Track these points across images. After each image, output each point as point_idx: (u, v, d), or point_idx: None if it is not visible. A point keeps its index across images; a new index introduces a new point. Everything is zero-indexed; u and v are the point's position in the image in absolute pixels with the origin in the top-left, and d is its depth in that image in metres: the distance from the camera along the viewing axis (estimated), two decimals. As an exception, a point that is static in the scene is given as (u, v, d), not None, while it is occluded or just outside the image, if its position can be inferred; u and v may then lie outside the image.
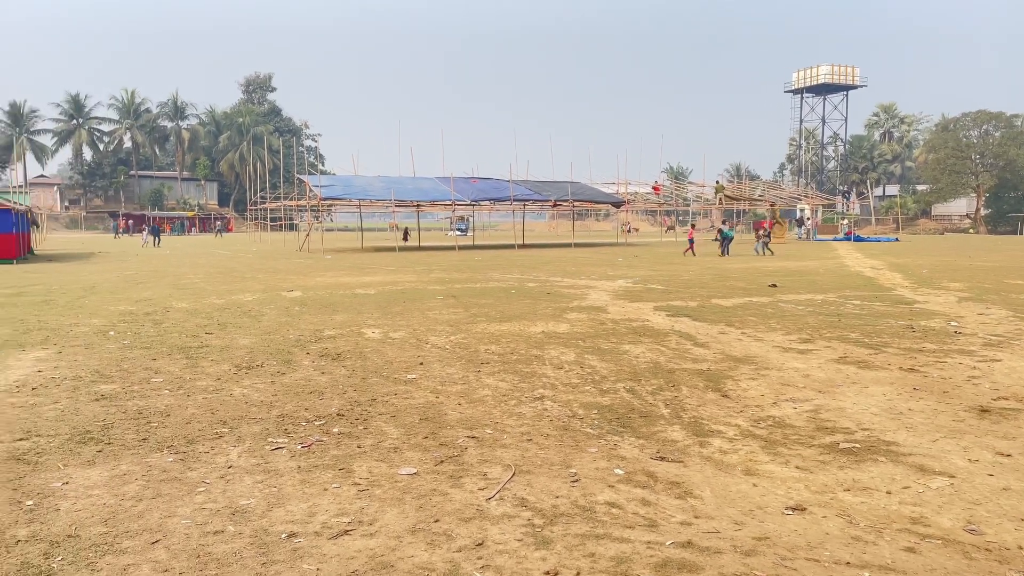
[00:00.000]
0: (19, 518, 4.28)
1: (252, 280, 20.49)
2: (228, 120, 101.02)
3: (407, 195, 41.77)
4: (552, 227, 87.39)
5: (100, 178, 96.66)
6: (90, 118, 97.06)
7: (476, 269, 24.81)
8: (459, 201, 42.34)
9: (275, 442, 5.72)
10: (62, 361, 8.85)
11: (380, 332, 10.95)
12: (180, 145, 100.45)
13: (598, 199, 50.17)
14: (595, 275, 21.77)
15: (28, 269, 25.54)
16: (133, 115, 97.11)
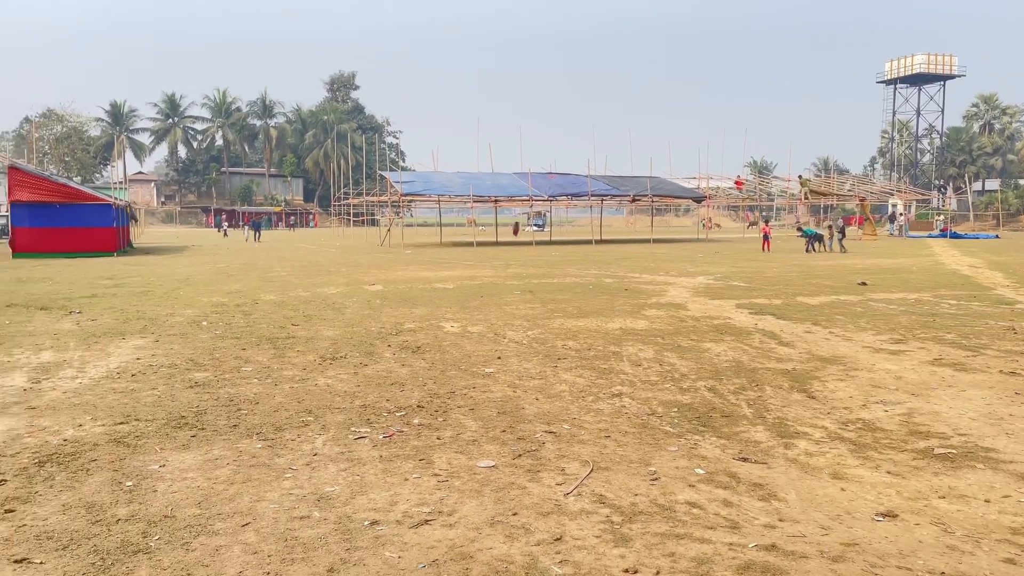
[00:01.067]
0: (119, 498, 4.51)
1: (336, 274, 21.04)
2: (313, 118, 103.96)
3: (485, 191, 42.08)
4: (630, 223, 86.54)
5: (193, 174, 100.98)
6: (184, 117, 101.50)
7: (553, 265, 24.79)
8: (536, 196, 42.40)
9: (358, 431, 5.86)
10: (159, 349, 9.29)
11: (458, 326, 11.07)
12: (268, 143, 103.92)
13: (678, 194, 49.38)
14: (674, 271, 21.45)
15: (127, 261, 26.91)
16: (224, 114, 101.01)
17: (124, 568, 3.60)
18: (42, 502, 4.44)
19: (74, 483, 4.75)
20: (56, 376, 7.82)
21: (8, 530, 4.04)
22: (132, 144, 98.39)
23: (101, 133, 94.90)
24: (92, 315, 12.32)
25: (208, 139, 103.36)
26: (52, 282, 18.45)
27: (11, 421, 6.15)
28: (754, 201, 62.09)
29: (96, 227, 29.84)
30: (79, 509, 4.32)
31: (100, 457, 5.24)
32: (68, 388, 7.29)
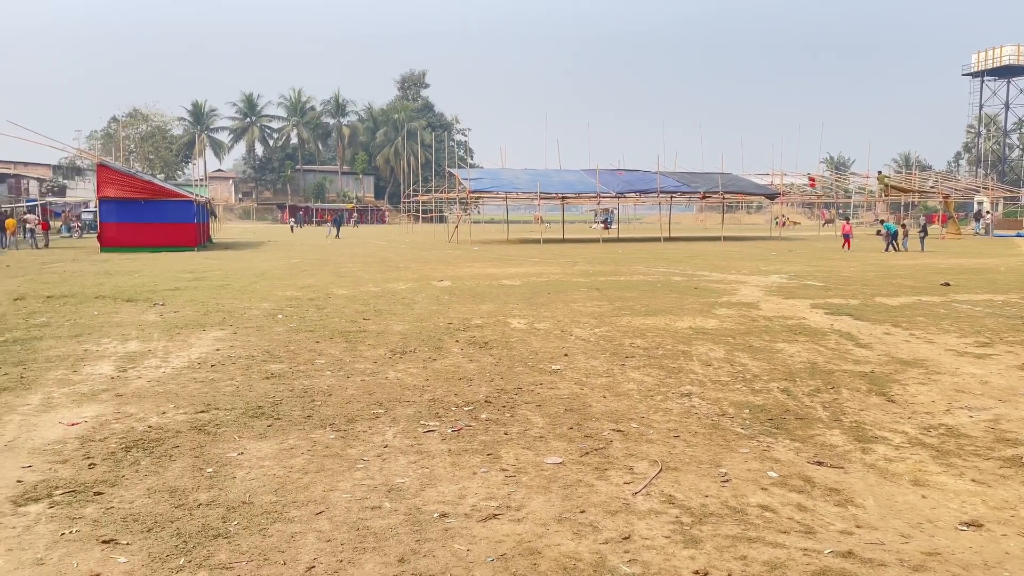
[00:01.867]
0: (201, 483, 4.69)
1: (405, 270, 21.35)
2: (384, 116, 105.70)
3: (553, 187, 42.03)
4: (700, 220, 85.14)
5: (269, 172, 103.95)
6: (262, 116, 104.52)
7: (620, 262, 24.60)
8: (604, 193, 42.12)
9: (427, 425, 5.93)
10: (237, 341, 9.60)
11: (525, 322, 11.09)
12: (341, 141, 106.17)
13: (750, 191, 48.33)
14: (746, 270, 21.00)
15: (207, 256, 27.90)
16: (299, 113, 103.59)
17: (205, 551, 3.73)
18: (128, 486, 4.64)
19: (158, 468, 4.95)
20: (141, 365, 8.17)
21: (97, 512, 4.24)
22: (212, 142, 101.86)
23: (183, 132, 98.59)
24: (174, 307, 12.82)
25: (284, 137, 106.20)
26: (137, 275, 19.27)
27: (100, 407, 6.45)
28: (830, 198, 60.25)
29: (178, 223, 31.03)
30: (163, 493, 4.51)
31: (182, 444, 5.45)
32: (152, 377, 7.61)
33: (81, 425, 5.90)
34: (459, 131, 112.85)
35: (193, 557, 3.67)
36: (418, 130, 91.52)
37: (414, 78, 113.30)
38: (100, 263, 23.78)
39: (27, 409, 6.39)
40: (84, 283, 17.09)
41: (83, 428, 5.83)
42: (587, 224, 76.84)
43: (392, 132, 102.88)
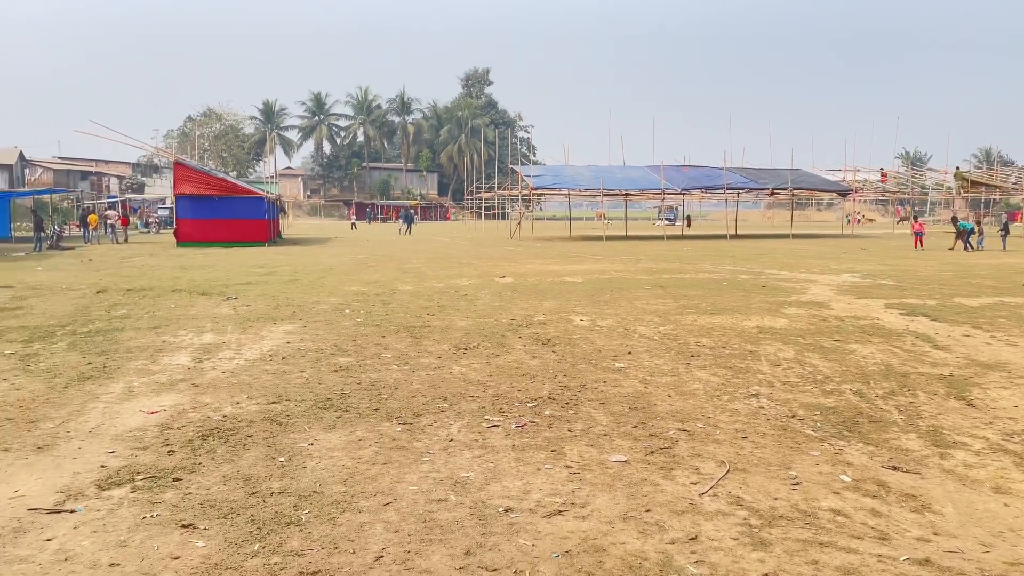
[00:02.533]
0: (273, 472, 4.83)
1: (468, 266, 21.50)
2: (448, 114, 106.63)
3: (616, 184, 41.72)
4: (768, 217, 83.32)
5: (337, 169, 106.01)
6: (329, 114, 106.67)
7: (685, 259, 24.26)
8: (669, 190, 41.58)
9: (491, 420, 5.98)
10: (306, 334, 9.84)
11: (588, 320, 11.05)
12: (405, 138, 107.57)
13: (821, 187, 47.04)
14: (816, 268, 20.46)
15: (277, 251, 28.64)
16: (366, 111, 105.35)
17: (278, 538, 3.85)
18: (205, 473, 4.81)
19: (233, 456, 5.12)
20: (216, 357, 8.45)
21: (176, 497, 4.41)
22: (282, 140, 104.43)
23: (254, 130, 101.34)
24: (247, 301, 13.21)
25: (350, 135, 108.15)
26: (211, 269, 19.92)
27: (178, 397, 6.71)
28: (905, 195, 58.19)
29: (250, 219, 31.93)
30: (237, 481, 4.66)
31: (255, 433, 5.62)
32: (227, 368, 7.87)
33: (160, 413, 6.14)
34: (522, 128, 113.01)
35: (267, 543, 3.78)
36: (481, 127, 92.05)
37: (478, 75, 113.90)
38: (176, 258, 24.67)
39: (110, 397, 6.68)
40: (161, 277, 17.76)
41: (162, 416, 6.07)
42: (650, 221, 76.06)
43: (456, 129, 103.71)
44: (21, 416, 6.05)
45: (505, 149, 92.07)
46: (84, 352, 8.61)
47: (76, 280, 17.00)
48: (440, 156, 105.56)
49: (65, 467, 4.90)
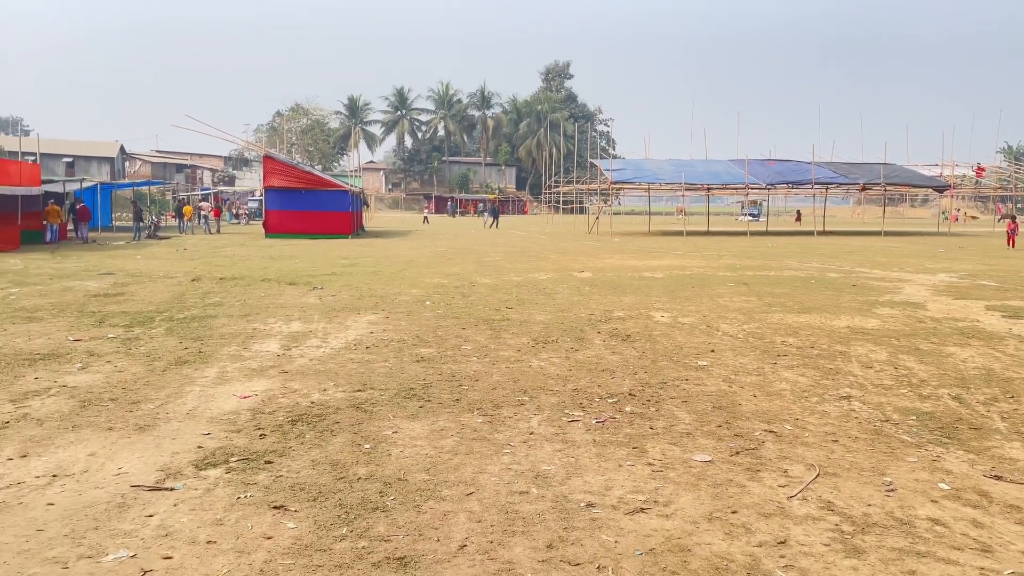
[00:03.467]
0: (359, 458, 4.94)
1: (545, 260, 21.50)
2: (528, 108, 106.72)
3: (698, 178, 40.93)
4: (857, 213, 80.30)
5: (417, 163, 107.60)
6: (411, 109, 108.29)
7: (769, 256, 23.62)
8: (753, 184, 40.54)
9: (571, 414, 5.96)
10: (389, 325, 10.03)
11: (669, 316, 10.89)
12: (485, 132, 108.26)
13: (916, 183, 44.97)
14: (910, 267, 19.60)
15: (360, 243, 29.30)
16: (447, 105, 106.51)
17: (365, 523, 3.94)
18: (295, 456, 4.97)
19: (321, 442, 5.27)
20: (303, 344, 8.71)
21: (268, 479, 4.57)
22: (365, 135, 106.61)
23: (339, 125, 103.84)
24: (332, 291, 13.57)
25: (431, 130, 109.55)
26: (297, 260, 20.54)
27: (268, 383, 6.94)
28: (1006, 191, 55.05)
29: (335, 211, 32.73)
30: (325, 466, 4.79)
31: (342, 420, 5.77)
32: (314, 356, 8.10)
33: (252, 398, 6.37)
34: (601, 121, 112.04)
35: (354, 527, 3.88)
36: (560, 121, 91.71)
37: (558, 69, 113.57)
38: (264, 248, 25.54)
39: (205, 381, 6.97)
40: (251, 267, 18.42)
41: (254, 401, 6.29)
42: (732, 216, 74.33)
43: (535, 123, 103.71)
44: (124, 397, 6.37)
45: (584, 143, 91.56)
46: (181, 337, 9.01)
47: (172, 268, 17.81)
48: (519, 150, 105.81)
49: (165, 447, 5.14)
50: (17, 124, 70.85)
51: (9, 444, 5.16)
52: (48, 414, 5.86)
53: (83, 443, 5.20)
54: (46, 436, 5.34)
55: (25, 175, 25.77)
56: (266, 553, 3.60)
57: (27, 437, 5.31)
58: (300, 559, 3.54)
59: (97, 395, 6.40)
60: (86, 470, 4.71)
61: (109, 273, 16.54)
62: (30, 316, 10.50)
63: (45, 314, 10.70)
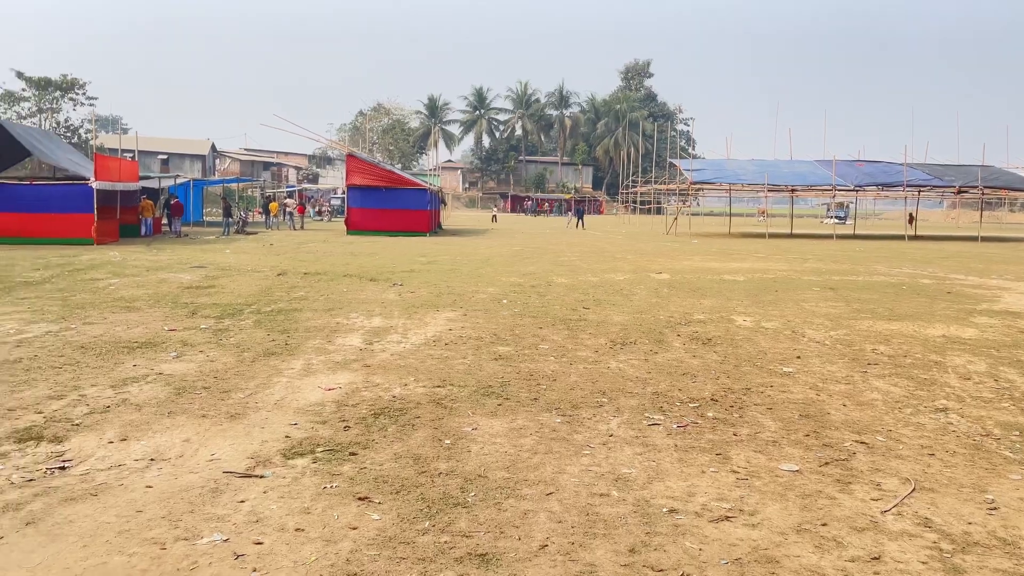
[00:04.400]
0: (440, 453, 4.99)
1: (622, 261, 21.31)
2: (606, 107, 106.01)
3: (782, 179, 39.83)
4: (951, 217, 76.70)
5: (494, 163, 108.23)
6: (490, 109, 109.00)
7: (857, 260, 22.78)
8: (840, 186, 39.19)
9: (651, 418, 5.88)
10: (467, 322, 10.11)
11: (751, 320, 10.63)
12: (562, 132, 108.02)
13: (1016, 186, 42.63)
14: (1011, 275, 18.58)
15: (437, 242, 29.67)
16: (525, 105, 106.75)
17: (447, 518, 3.97)
18: (378, 449, 5.06)
19: (402, 435, 5.35)
20: (384, 339, 8.86)
21: (352, 470, 4.66)
22: (444, 134, 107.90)
23: (419, 125, 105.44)
24: (411, 288, 13.78)
25: (509, 129, 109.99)
26: (377, 257, 20.94)
27: (352, 376, 7.09)
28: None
29: (414, 210, 33.22)
30: (408, 459, 4.86)
31: (423, 415, 5.84)
32: (394, 351, 8.23)
33: (336, 391, 6.52)
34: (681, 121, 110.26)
35: (436, 522, 3.92)
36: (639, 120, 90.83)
37: (638, 68, 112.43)
38: (346, 245, 26.14)
39: (292, 372, 7.18)
40: (334, 262, 18.89)
41: (338, 393, 6.44)
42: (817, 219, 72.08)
43: (613, 123, 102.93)
44: (216, 386, 6.62)
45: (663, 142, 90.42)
46: (268, 330, 9.31)
47: (259, 263, 18.43)
48: (596, 149, 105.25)
49: (254, 435, 5.31)
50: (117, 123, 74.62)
51: (111, 427, 5.43)
52: (146, 400, 6.14)
53: (178, 429, 5.43)
54: (144, 421, 5.59)
55: (125, 171, 27.11)
56: (352, 543, 3.67)
57: (127, 421, 5.58)
58: (384, 550, 3.59)
59: (191, 383, 6.67)
60: (181, 455, 4.90)
61: (200, 266, 17.23)
62: (128, 306, 11.03)
63: (142, 304, 11.22)
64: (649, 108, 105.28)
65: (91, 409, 5.86)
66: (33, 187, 23.95)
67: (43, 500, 4.14)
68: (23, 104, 59.11)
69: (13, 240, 22.41)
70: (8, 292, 12.36)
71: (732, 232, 43.05)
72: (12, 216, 22.91)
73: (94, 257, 19.19)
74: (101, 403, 6.02)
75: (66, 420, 5.57)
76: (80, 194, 23.29)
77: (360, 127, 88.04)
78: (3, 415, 5.67)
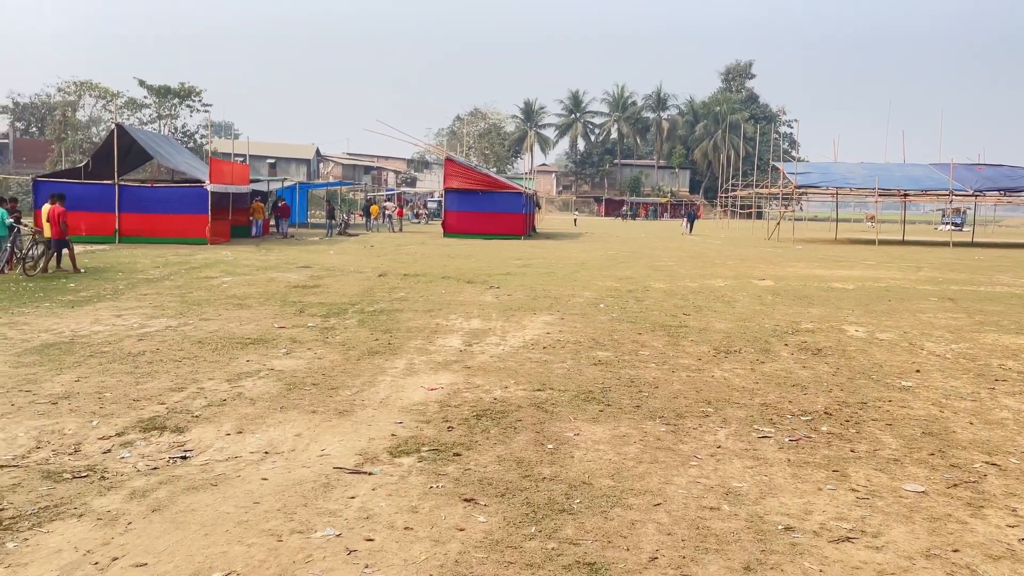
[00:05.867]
0: (543, 458, 4.96)
1: (722, 266, 20.79)
2: (705, 109, 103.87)
3: (893, 183, 37.96)
4: (1082, 224, 71.30)
5: (589, 166, 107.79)
6: (585, 112, 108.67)
7: (977, 270, 21.44)
8: (958, 191, 37.01)
9: (761, 430, 5.67)
10: (564, 326, 10.07)
11: (864, 331, 10.15)
12: (659, 135, 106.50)
13: None
14: None
15: (532, 245, 29.75)
16: (621, 108, 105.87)
17: (553, 524, 3.93)
18: (481, 451, 5.07)
19: (505, 438, 5.35)
20: (483, 341, 8.92)
21: (457, 471, 4.69)
22: (539, 138, 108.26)
23: (515, 128, 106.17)
24: (508, 290, 13.84)
25: (604, 132, 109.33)
26: (474, 259, 21.17)
27: (452, 376, 7.17)
28: None
29: (509, 213, 33.45)
30: (511, 462, 4.85)
31: (524, 418, 5.83)
32: (493, 353, 8.27)
33: (438, 391, 6.60)
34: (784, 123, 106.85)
35: (543, 527, 3.89)
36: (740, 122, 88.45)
37: (739, 69, 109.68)
38: (443, 247, 26.56)
39: (395, 372, 7.31)
40: (432, 264, 19.21)
41: (440, 394, 6.51)
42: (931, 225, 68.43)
43: (712, 125, 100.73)
44: (324, 383, 6.81)
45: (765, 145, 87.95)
46: (372, 329, 9.53)
47: (361, 264, 18.95)
48: (693, 153, 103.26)
49: (362, 432, 5.43)
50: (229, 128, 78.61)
51: (228, 420, 5.66)
52: (259, 394, 6.38)
53: (290, 423, 5.61)
54: (258, 415, 5.80)
55: (237, 174, 28.43)
56: (460, 544, 3.68)
57: (242, 415, 5.80)
58: (492, 554, 3.59)
59: (301, 379, 6.89)
60: (293, 449, 5.06)
61: (307, 266, 17.86)
62: (240, 303, 11.53)
63: (253, 302, 11.71)
64: (750, 110, 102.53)
65: (209, 402, 6.13)
66: (153, 189, 25.43)
67: (167, 488, 4.34)
68: (144, 111, 63.06)
69: (135, 239, 23.87)
70: (132, 288, 13.15)
71: (838, 238, 41.33)
72: (134, 216, 24.36)
73: (208, 256, 20.19)
74: (218, 396, 6.30)
75: (186, 412, 5.85)
76: (196, 196, 24.56)
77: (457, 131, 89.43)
78: (129, 405, 6.01)
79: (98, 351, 7.96)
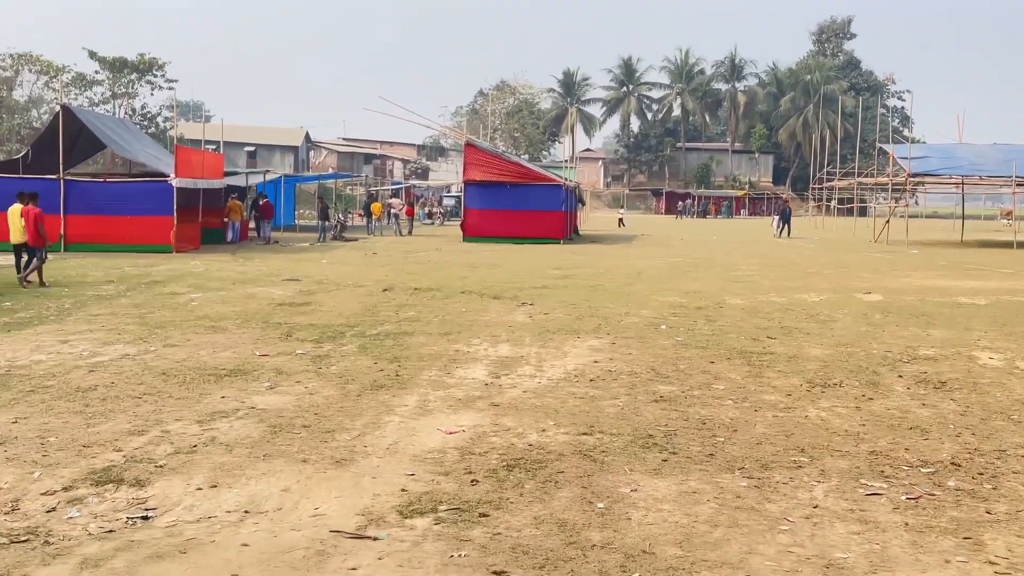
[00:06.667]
0: (592, 520, 4.95)
1: (816, 276, 20.67)
2: (792, 78, 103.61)
3: (1036, 169, 37.40)
4: None
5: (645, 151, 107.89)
6: (640, 84, 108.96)
7: None
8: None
9: (869, 485, 5.62)
10: (616, 353, 10.06)
11: (1001, 358, 10.03)
12: (734, 111, 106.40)
13: None
14: None
15: (574, 250, 29.82)
16: (685, 78, 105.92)
17: (605, 604, 3.92)
18: (514, 511, 5.08)
19: (543, 495, 5.35)
20: (515, 372, 8.95)
21: (484, 536, 4.69)
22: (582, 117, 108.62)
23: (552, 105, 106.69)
24: (543, 308, 13.88)
25: (664, 109, 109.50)
26: (501, 269, 21.28)
27: (476, 416, 7.19)
28: None
29: (545, 211, 33.50)
30: (551, 525, 4.85)
31: (567, 469, 5.83)
32: (527, 387, 8.29)
33: (459, 435, 6.63)
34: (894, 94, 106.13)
35: (592, 609, 3.87)
36: (837, 94, 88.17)
37: (835, 27, 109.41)
38: (463, 254, 26.74)
39: (405, 411, 7.36)
40: (449, 275, 19.35)
41: (461, 438, 6.54)
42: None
43: (801, 98, 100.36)
44: (317, 424, 6.88)
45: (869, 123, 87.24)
46: (375, 357, 9.61)
47: (361, 275, 19.15)
48: (778, 133, 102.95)
49: (364, 486, 5.46)
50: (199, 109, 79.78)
51: (199, 471, 5.74)
52: (237, 439, 6.45)
53: (275, 475, 5.66)
54: (236, 465, 5.87)
55: (208, 166, 28.87)
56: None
57: (216, 464, 5.87)
58: (529, 642, 3.58)
59: (288, 420, 6.97)
60: (280, 507, 5.11)
61: (294, 279, 18.08)
62: (214, 326, 11.69)
63: (229, 324, 11.87)
64: (850, 79, 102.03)
65: (176, 448, 6.22)
66: (106, 184, 25.99)
67: (125, 556, 4.40)
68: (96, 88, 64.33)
69: (84, 246, 24.36)
70: (81, 307, 13.41)
71: (965, 239, 40.86)
72: (83, 219, 24.83)
73: (174, 267, 20.55)
74: (187, 441, 6.38)
75: (148, 460, 5.94)
76: (158, 193, 24.97)
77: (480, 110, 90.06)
78: (78, 452, 6.12)
79: (40, 385, 8.11)
